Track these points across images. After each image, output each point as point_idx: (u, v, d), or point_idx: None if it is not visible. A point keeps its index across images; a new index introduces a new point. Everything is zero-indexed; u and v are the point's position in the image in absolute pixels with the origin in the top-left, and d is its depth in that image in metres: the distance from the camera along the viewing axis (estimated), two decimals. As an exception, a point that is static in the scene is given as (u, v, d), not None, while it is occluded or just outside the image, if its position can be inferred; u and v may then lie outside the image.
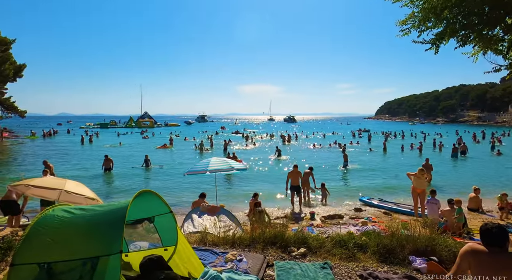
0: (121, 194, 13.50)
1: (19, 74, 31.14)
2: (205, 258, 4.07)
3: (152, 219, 3.82)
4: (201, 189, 12.26)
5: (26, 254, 2.59)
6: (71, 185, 7.24)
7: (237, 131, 58.06)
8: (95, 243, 2.68)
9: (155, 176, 17.32)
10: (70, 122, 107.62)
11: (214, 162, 10.30)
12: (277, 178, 16.80)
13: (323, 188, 12.04)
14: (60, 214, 2.97)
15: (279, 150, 26.08)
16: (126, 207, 2.86)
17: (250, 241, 4.59)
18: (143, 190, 3.30)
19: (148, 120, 75.94)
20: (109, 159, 17.83)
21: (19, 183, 7.30)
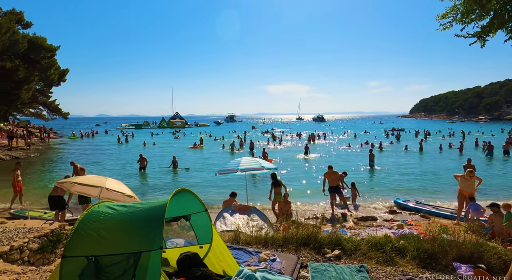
0: (156, 192, 14.03)
1: (63, 78, 33.39)
2: (239, 257, 4.12)
3: (188, 217, 3.92)
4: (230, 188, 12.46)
5: (75, 247, 2.75)
6: (111, 183, 7.64)
7: (267, 130, 58.15)
8: (137, 239, 2.78)
9: (186, 175, 17.79)
10: (106, 123, 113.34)
11: (245, 162, 10.40)
12: (306, 178, 16.65)
13: (353, 188, 11.71)
14: (105, 210, 3.13)
15: (307, 148, 26.07)
16: (165, 205, 2.95)
17: (282, 241, 4.57)
18: (180, 189, 3.39)
19: (179, 120, 78.21)
20: (144, 158, 18.57)
21: (65, 180, 7.84)
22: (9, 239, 4.38)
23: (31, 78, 27.97)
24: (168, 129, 65.84)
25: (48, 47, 28.23)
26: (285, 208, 9.81)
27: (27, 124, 45.96)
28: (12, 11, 24.98)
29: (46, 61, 28.70)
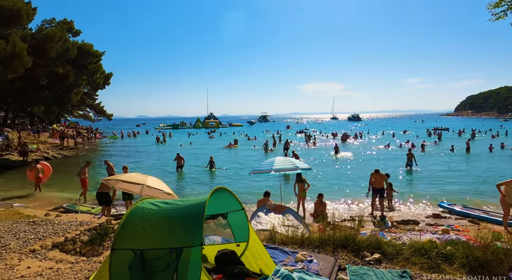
0: (193, 191, 14.45)
1: (107, 81, 35.65)
2: (275, 256, 4.12)
3: (225, 215, 4.00)
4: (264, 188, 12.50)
5: (123, 241, 2.92)
6: (152, 180, 8.01)
7: (301, 130, 57.54)
8: (179, 235, 2.89)
9: (220, 175, 18.14)
10: (144, 124, 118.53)
11: (279, 162, 10.37)
12: (340, 178, 16.23)
13: (389, 189, 11.22)
14: (148, 206, 3.28)
15: (337, 147, 25.81)
16: (205, 202, 3.02)
17: (319, 242, 4.50)
18: (218, 187, 3.46)
19: (214, 120, 79.95)
20: (181, 157, 19.21)
21: (111, 178, 8.37)
22: (63, 231, 4.77)
23: (80, 82, 30.22)
24: (203, 129, 67.60)
25: (94, 53, 30.32)
26: (320, 209, 9.66)
27: (76, 125, 49.64)
28: (64, 20, 27.16)
29: (93, 66, 30.83)
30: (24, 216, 5.43)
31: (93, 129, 46.72)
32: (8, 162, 20.03)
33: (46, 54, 23.02)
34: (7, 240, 4.23)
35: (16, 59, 18.93)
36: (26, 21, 22.17)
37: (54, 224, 5.05)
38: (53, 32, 23.86)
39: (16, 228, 4.74)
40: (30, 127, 34.07)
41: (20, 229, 4.70)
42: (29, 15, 21.98)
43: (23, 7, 20.78)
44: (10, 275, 3.29)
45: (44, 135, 31.72)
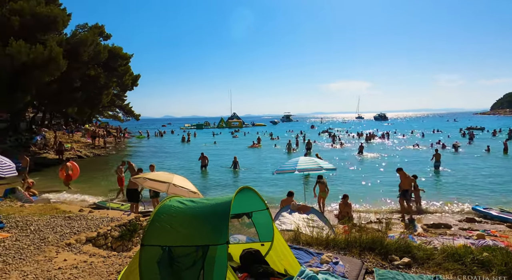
0: (217, 190, 14.63)
1: (136, 83, 36.93)
2: (300, 257, 4.08)
3: (250, 214, 4.02)
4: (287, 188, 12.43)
5: (152, 237, 3.01)
6: (178, 179, 8.21)
7: (326, 130, 56.66)
8: (205, 233, 2.94)
9: (245, 174, 18.24)
10: (170, 124, 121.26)
11: (303, 162, 10.30)
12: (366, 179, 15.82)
13: (416, 191, 10.79)
14: (175, 204, 3.35)
15: (361, 147, 25.29)
16: (230, 201, 3.05)
17: (345, 244, 4.41)
18: (243, 187, 3.48)
19: (237, 120, 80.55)
20: (205, 156, 19.51)
21: (139, 176, 8.67)
22: (96, 226, 5.00)
23: (110, 84, 31.51)
24: (226, 129, 68.30)
25: (123, 55, 31.51)
26: (345, 210, 9.47)
27: (107, 125, 51.85)
28: (96, 25, 28.43)
29: (122, 68, 32.05)
30: (60, 211, 5.75)
31: (122, 129, 48.60)
32: (45, 160, 21.28)
33: (79, 58, 24.22)
34: (46, 234, 4.50)
35: (53, 63, 20.06)
36: (62, 27, 23.44)
37: (87, 219, 5.30)
38: (85, 36, 25.05)
39: (53, 222, 5.03)
40: (65, 127, 36.03)
41: (57, 223, 4.98)
42: (65, 21, 23.21)
43: (59, 13, 21.98)
44: (49, 267, 3.50)
45: (77, 135, 33.43)
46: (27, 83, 19.47)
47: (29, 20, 20.13)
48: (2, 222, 4.78)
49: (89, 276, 3.33)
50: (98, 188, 14.89)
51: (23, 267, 3.47)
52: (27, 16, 19.98)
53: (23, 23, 19.77)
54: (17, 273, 3.32)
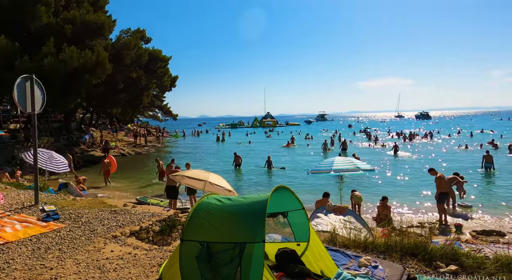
0: (250, 189, 14.76)
1: (174, 84, 38.42)
2: (337, 259, 3.99)
3: (285, 214, 4.01)
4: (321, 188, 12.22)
5: (191, 233, 3.12)
6: (214, 177, 8.42)
7: (364, 129, 54.81)
8: (242, 231, 2.98)
9: (278, 174, 18.21)
10: (204, 123, 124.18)
11: (339, 162, 10.06)
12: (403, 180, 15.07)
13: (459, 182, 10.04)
14: (213, 201, 3.44)
15: (396, 147, 24.45)
16: (266, 200, 3.07)
17: (384, 248, 4.24)
18: (279, 186, 3.48)
19: (271, 120, 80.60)
20: (238, 156, 19.75)
21: (177, 173, 9.01)
22: (138, 220, 5.28)
23: (150, 85, 33.08)
24: (260, 128, 68.62)
25: (163, 58, 32.94)
26: (384, 213, 9.10)
27: (147, 125, 54.52)
28: (137, 29, 30.06)
29: (161, 70, 33.51)
30: (107, 206, 6.15)
31: (161, 129, 50.84)
32: (93, 158, 22.90)
33: (122, 61, 25.73)
34: (95, 226, 4.84)
35: (100, 66, 21.53)
36: (108, 33, 25.07)
37: (131, 214, 5.62)
38: (128, 41, 26.54)
39: (101, 215, 5.39)
40: (109, 127, 38.49)
41: (104, 216, 5.34)
42: (110, 27, 24.79)
43: (105, 20, 23.53)
44: (98, 257, 3.76)
45: (120, 134, 35.56)
46: (77, 86, 21.08)
47: (80, 27, 21.78)
48: (57, 214, 5.23)
49: (133, 267, 3.53)
50: (139, 184, 15.72)
51: (76, 255, 3.77)
52: (78, 24, 21.63)
53: (74, 30, 21.45)
54: (71, 261, 3.61)
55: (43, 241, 4.17)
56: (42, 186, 8.19)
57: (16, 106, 23.34)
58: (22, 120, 24.11)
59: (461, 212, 10.24)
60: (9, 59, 17.92)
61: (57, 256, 3.74)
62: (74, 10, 21.89)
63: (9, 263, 3.51)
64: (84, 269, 3.42)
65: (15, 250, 3.86)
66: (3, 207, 5.68)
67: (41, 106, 5.94)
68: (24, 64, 17.81)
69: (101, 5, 26.52)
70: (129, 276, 3.32)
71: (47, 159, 11.67)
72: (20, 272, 3.31)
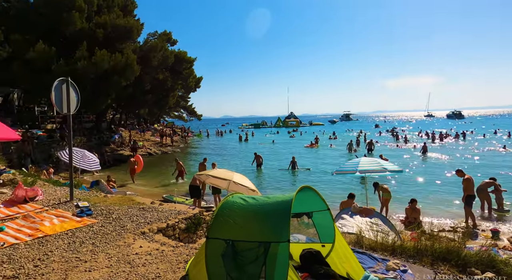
0: (272, 189, 14.71)
1: (198, 85, 39.16)
2: (363, 262, 3.90)
3: (310, 214, 3.97)
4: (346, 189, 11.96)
5: (216, 231, 3.17)
6: (238, 177, 8.49)
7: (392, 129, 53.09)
8: (267, 230, 2.99)
9: (301, 174, 18.04)
10: (227, 123, 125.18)
11: (365, 162, 9.81)
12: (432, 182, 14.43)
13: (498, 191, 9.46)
14: (238, 201, 3.48)
15: (425, 147, 23.61)
16: (291, 200, 3.06)
17: (414, 252, 4.08)
18: (304, 186, 3.46)
19: (294, 120, 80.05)
20: (258, 155, 19.70)
21: (202, 173, 9.17)
22: (165, 218, 5.44)
23: (175, 87, 33.90)
24: (283, 128, 68.32)
25: (188, 59, 33.66)
26: (413, 216, 8.79)
27: (172, 125, 55.94)
28: (164, 32, 30.95)
29: (187, 71, 34.25)
30: (135, 203, 6.38)
31: (186, 129, 51.98)
32: (122, 157, 23.81)
33: (150, 63, 26.56)
34: (124, 222, 5.04)
35: (129, 68, 22.37)
36: (136, 36, 25.98)
37: (158, 211, 5.79)
38: (155, 43, 27.37)
39: (130, 212, 5.61)
40: (137, 127, 39.86)
41: (133, 213, 5.54)
42: (139, 31, 25.69)
43: (134, 24, 24.41)
44: (128, 252, 3.92)
45: (148, 134, 36.73)
46: (108, 88, 22.01)
47: (110, 31, 22.75)
48: (90, 210, 5.49)
49: (161, 263, 3.64)
50: (164, 182, 16.15)
51: (107, 250, 3.95)
52: (108, 28, 22.60)
53: (105, 34, 22.42)
54: (104, 255, 3.78)
55: (78, 235, 4.40)
56: (76, 183, 8.63)
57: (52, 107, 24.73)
58: (57, 120, 25.52)
59: (497, 217, 9.67)
60: (47, 63, 19.03)
61: (90, 250, 3.93)
62: (105, 15, 22.87)
63: (48, 255, 3.74)
64: (115, 263, 3.57)
65: (53, 243, 4.10)
66: (42, 202, 6.05)
67: (75, 107, 6.26)
68: (60, 67, 18.84)
69: (130, 9, 27.53)
70: (157, 271, 3.43)
71: (80, 157, 12.27)
72: (57, 264, 3.51)
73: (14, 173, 8.31)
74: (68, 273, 3.30)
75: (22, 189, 6.00)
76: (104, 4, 24.23)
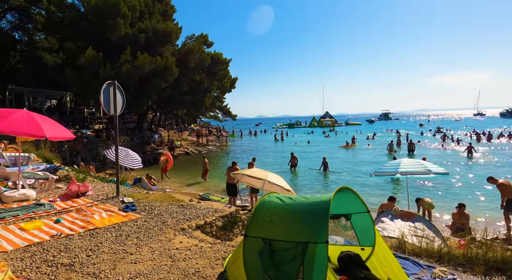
0: (306, 190, 14.52)
1: (233, 86, 39.75)
2: (406, 268, 3.72)
3: (349, 216, 3.87)
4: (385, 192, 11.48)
5: (254, 230, 3.20)
6: (273, 176, 8.50)
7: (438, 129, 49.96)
8: (304, 230, 2.96)
9: (335, 175, 17.60)
10: (261, 123, 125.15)
11: (406, 164, 9.35)
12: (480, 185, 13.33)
13: None
14: (274, 200, 3.48)
15: (470, 147, 22.13)
16: (329, 201, 3.00)
17: (463, 260, 3.81)
18: (342, 187, 3.38)
19: (329, 119, 78.34)
20: (294, 156, 19.55)
21: (238, 172, 9.31)
22: (203, 215, 5.60)
23: (211, 87, 34.75)
24: (318, 128, 67.15)
25: (223, 60, 34.33)
26: (460, 221, 8.21)
27: (208, 125, 57.42)
28: (201, 35, 31.90)
29: (222, 72, 34.95)
30: (175, 200, 6.64)
31: (221, 129, 53.10)
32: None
33: (187, 65, 27.50)
34: (165, 218, 5.27)
35: (168, 71, 23.37)
36: (175, 39, 27.05)
37: (196, 208, 5.98)
38: (193, 46, 28.27)
39: (170, 209, 5.85)
40: (175, 127, 41.48)
41: (173, 210, 5.78)
42: (177, 34, 26.72)
43: (173, 28, 25.44)
44: (169, 246, 4.10)
45: (185, 134, 38.06)
46: (148, 89, 23.16)
47: (151, 35, 23.91)
48: (134, 205, 5.82)
49: (200, 259, 3.76)
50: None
51: (150, 244, 4.16)
52: (150, 32, 23.77)
53: (146, 39, 23.61)
54: (147, 248, 3.99)
55: (124, 229, 4.68)
56: (121, 180, 9.18)
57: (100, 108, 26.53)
58: (104, 121, 27.35)
59: None
60: (95, 68, 20.48)
61: (135, 243, 4.16)
62: (146, 20, 24.07)
63: (98, 246, 4.03)
64: (158, 257, 3.76)
65: (102, 235, 4.40)
66: (91, 197, 6.52)
67: (121, 108, 6.67)
68: (106, 72, 20.18)
69: (170, 13, 28.68)
70: (197, 266, 3.55)
71: (124, 156, 13.05)
72: (107, 255, 3.77)
73: (68, 169, 9.05)
74: (116, 264, 3.53)
75: (75, 184, 6.51)
76: (146, 10, 25.50)
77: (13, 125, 5.17)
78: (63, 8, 22.49)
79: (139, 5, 24.07)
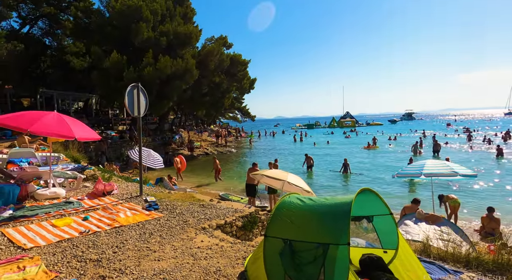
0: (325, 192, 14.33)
1: (252, 86, 39.94)
2: (431, 272, 3.61)
3: (371, 218, 3.80)
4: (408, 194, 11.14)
5: (274, 230, 3.22)
6: (292, 177, 8.46)
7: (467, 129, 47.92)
8: (325, 231, 2.94)
9: (355, 177, 17.26)
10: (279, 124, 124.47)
11: (431, 165, 9.05)
12: None
13: None
14: (295, 201, 3.48)
15: (499, 149, 21.23)
16: (351, 202, 2.97)
17: (493, 266, 3.65)
18: (364, 188, 3.33)
19: (350, 120, 76.96)
20: (309, 157, 19.30)
21: (257, 172, 9.34)
22: (223, 215, 5.67)
23: (230, 88, 35.09)
24: (338, 129, 66.13)
25: (242, 61, 34.58)
26: (490, 226, 7.85)
27: (227, 126, 57.91)
28: (220, 36, 32.28)
29: (241, 73, 35.22)
30: (196, 200, 6.76)
31: (240, 130, 53.42)
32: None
33: (207, 67, 27.91)
34: (187, 217, 5.39)
35: (188, 73, 23.82)
36: (195, 42, 27.54)
37: (217, 208, 6.06)
38: (212, 48, 28.66)
39: (191, 208, 5.97)
40: (195, 128, 42.13)
41: (194, 209, 5.89)
42: (197, 37, 27.18)
43: (193, 30, 25.91)
44: (191, 245, 4.18)
45: (204, 134, 38.59)
46: (170, 91, 23.69)
47: (172, 38, 24.45)
48: (157, 204, 5.98)
49: (220, 258, 3.81)
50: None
51: (172, 242, 4.26)
52: (171, 35, 24.32)
53: (168, 42, 24.17)
54: (169, 246, 4.10)
55: (147, 227, 4.82)
56: (144, 179, 9.45)
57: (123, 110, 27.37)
58: (127, 122, 28.22)
59: None
60: (120, 71, 21.20)
61: (158, 241, 4.28)
62: (168, 23, 24.65)
63: (123, 243, 4.17)
64: (180, 255, 3.85)
65: (127, 233, 4.56)
66: (116, 196, 6.76)
67: (144, 110, 6.87)
68: (129, 74, 20.83)
69: (190, 16, 29.24)
70: (218, 265, 3.60)
71: (147, 156, 13.42)
72: (131, 252, 3.90)
73: (94, 169, 9.42)
74: (141, 261, 3.65)
75: (101, 183, 6.77)
76: (167, 13, 26.10)
77: (45, 126, 5.45)
78: (89, 14, 23.47)
79: (160, 9, 24.69)
